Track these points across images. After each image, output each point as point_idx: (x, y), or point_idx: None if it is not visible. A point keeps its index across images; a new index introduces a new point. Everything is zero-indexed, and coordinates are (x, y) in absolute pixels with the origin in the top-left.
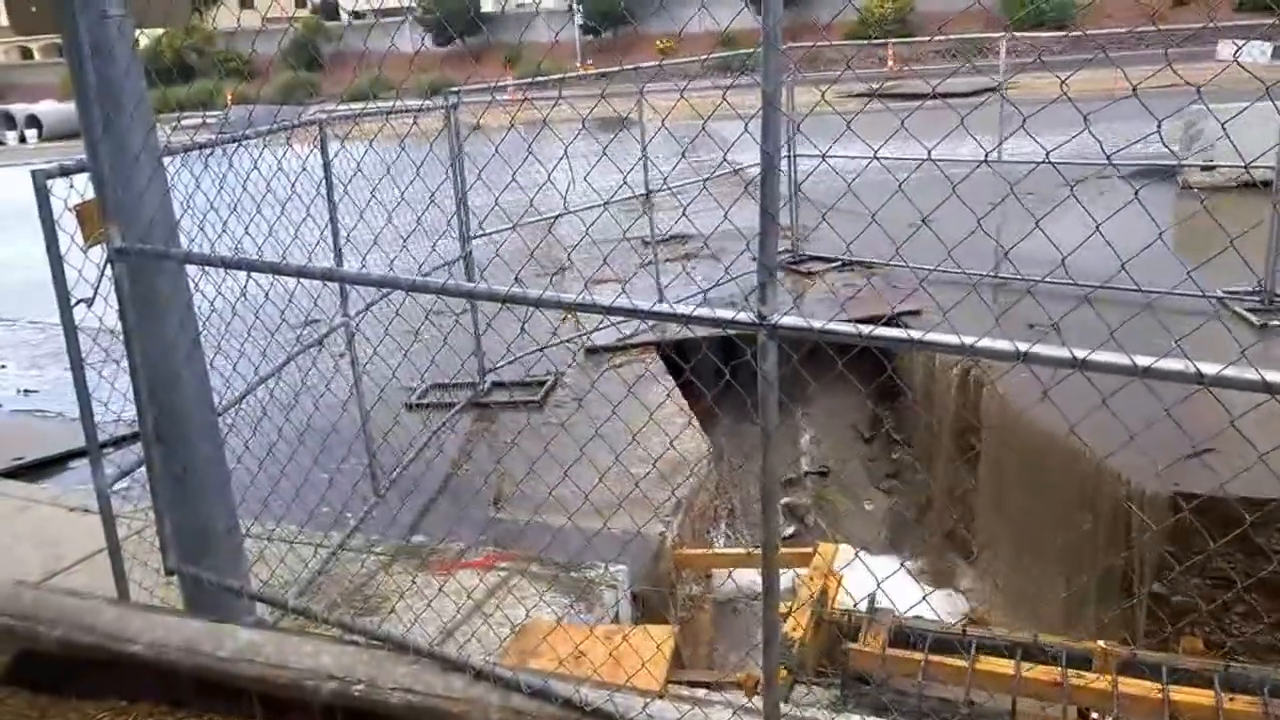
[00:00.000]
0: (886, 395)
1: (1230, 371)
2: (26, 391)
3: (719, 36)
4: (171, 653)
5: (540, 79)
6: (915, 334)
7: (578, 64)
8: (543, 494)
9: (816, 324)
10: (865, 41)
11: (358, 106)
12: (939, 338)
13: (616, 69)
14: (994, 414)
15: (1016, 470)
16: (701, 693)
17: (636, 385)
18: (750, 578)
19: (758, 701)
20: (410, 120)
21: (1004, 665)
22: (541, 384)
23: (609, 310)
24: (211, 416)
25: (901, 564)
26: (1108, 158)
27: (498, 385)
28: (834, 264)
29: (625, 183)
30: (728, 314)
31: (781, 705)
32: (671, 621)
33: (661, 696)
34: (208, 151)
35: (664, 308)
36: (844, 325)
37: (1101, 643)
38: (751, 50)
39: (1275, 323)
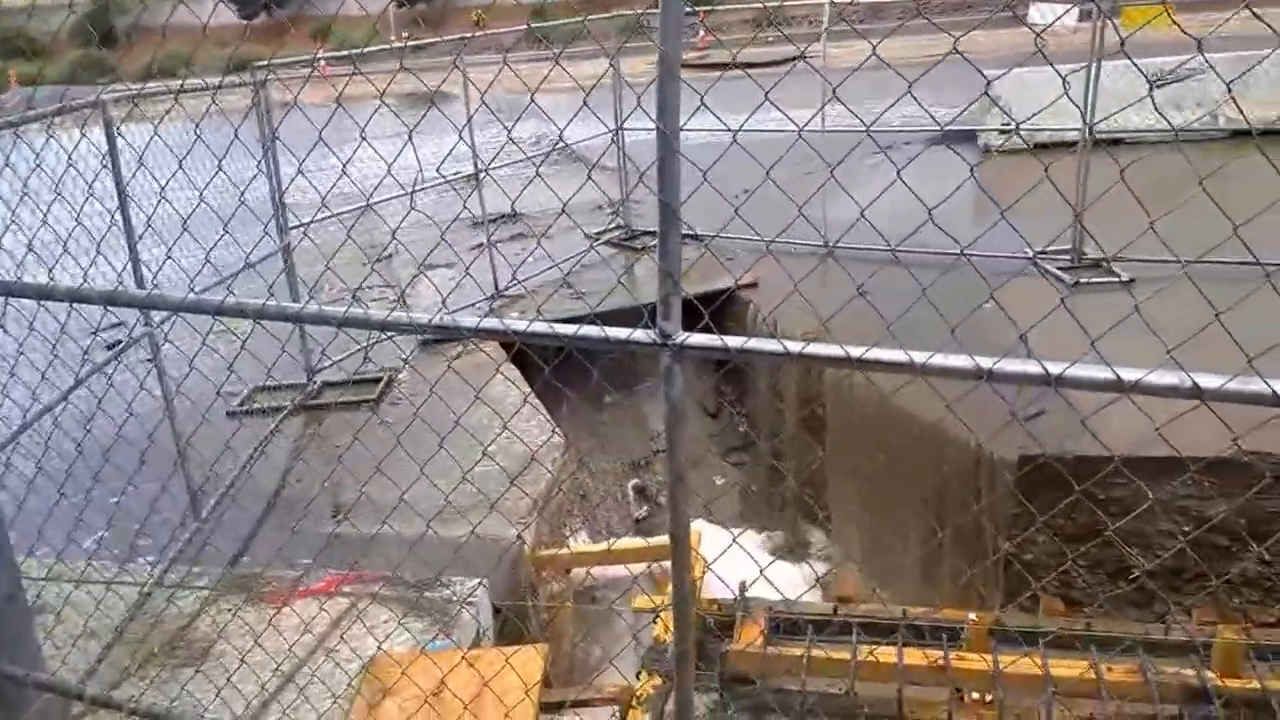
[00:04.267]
0: (729, 369)
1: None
2: None
3: (531, 7)
4: None
5: (353, 52)
6: (854, 352)
7: (392, 37)
8: (384, 503)
9: (733, 342)
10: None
11: (154, 85)
12: (885, 355)
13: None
14: (837, 382)
15: (863, 438)
16: None
17: (478, 377)
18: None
19: None
20: (210, 99)
21: (886, 654)
22: (376, 381)
23: (476, 333)
24: None
25: (777, 557)
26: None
27: (329, 385)
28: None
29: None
30: (623, 333)
31: None
32: (535, 634)
33: None
34: None
35: (542, 327)
36: (767, 344)
37: (972, 615)
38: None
39: (1085, 280)
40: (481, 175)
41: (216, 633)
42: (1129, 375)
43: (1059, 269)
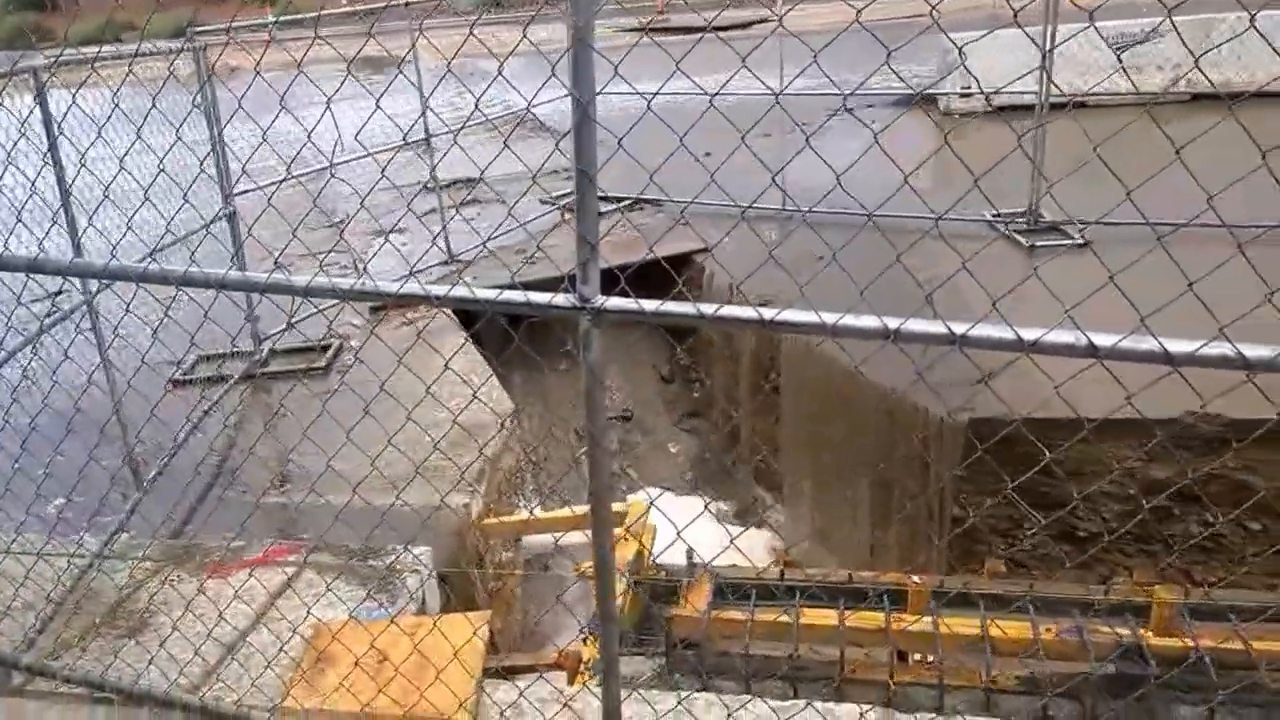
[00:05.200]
0: (685, 334)
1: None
2: None
3: None
4: None
5: (282, 18)
6: (767, 314)
7: (344, 1)
8: (329, 473)
9: (648, 305)
10: None
11: (89, 51)
12: (794, 317)
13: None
14: (790, 348)
15: (817, 404)
16: (521, 699)
17: (427, 340)
18: (559, 536)
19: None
20: (148, 66)
21: (828, 616)
22: (325, 348)
23: (398, 298)
24: None
25: (706, 505)
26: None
27: (276, 353)
28: (623, 203)
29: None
30: (543, 297)
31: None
32: (482, 602)
33: None
34: None
35: (463, 292)
36: (682, 307)
37: (915, 579)
38: None
39: (1042, 243)
40: (432, 140)
41: (157, 604)
42: (1029, 335)
43: (1016, 232)
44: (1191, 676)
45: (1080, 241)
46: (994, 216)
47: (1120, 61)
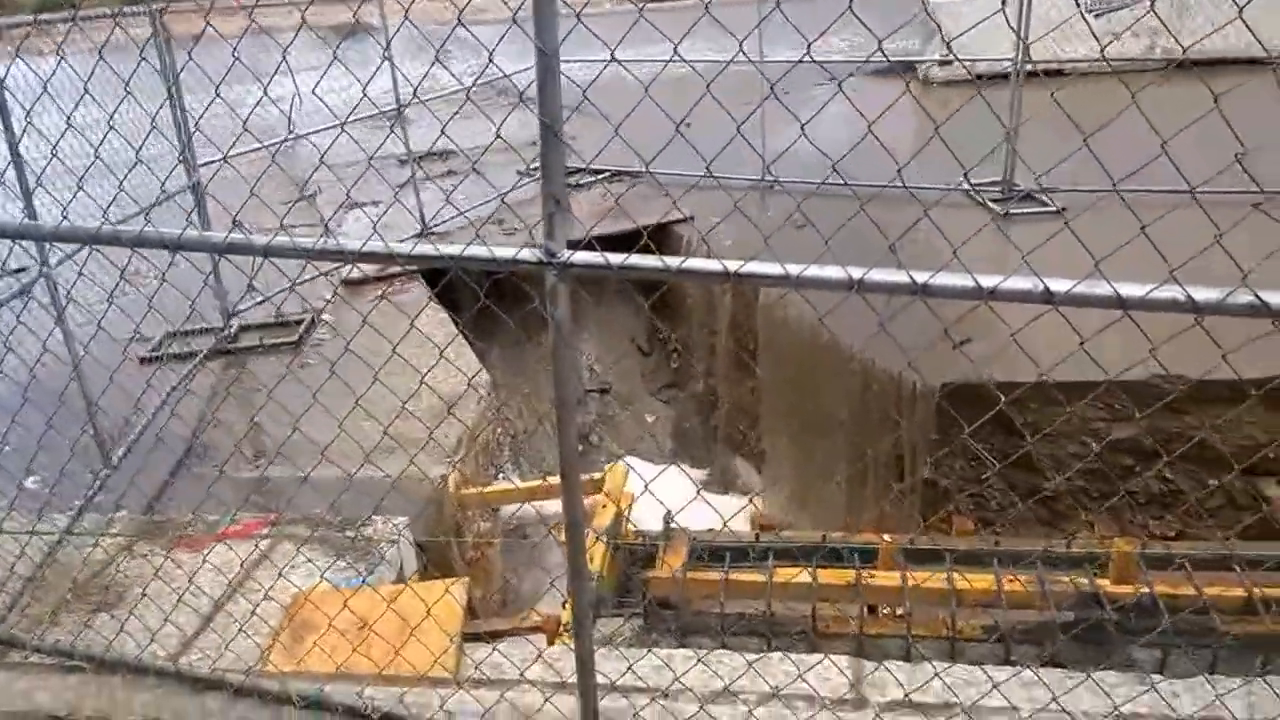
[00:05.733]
0: (663, 305)
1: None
2: None
3: None
4: None
5: None
6: (732, 265)
7: None
8: (306, 446)
9: (614, 259)
10: None
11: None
12: (758, 269)
13: None
14: (768, 317)
15: (794, 372)
16: (500, 658)
17: (402, 315)
18: (538, 505)
19: (556, 651)
20: (102, 30)
21: (800, 574)
22: (298, 323)
23: (360, 257)
24: None
25: (673, 462)
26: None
27: (246, 329)
28: (603, 174)
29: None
30: (508, 251)
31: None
32: (460, 571)
33: (459, 685)
34: None
35: (427, 249)
36: (648, 260)
37: (886, 537)
38: None
39: (1015, 211)
40: (401, 111)
41: (131, 578)
42: (987, 282)
43: (991, 200)
44: (1148, 621)
45: (1055, 209)
46: (970, 185)
47: (1089, 25)
